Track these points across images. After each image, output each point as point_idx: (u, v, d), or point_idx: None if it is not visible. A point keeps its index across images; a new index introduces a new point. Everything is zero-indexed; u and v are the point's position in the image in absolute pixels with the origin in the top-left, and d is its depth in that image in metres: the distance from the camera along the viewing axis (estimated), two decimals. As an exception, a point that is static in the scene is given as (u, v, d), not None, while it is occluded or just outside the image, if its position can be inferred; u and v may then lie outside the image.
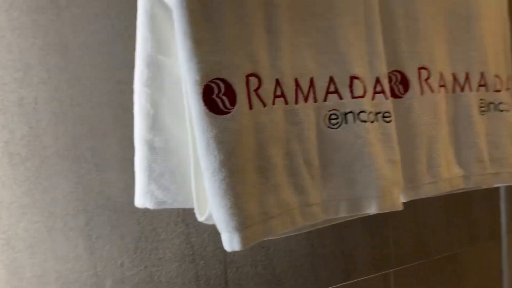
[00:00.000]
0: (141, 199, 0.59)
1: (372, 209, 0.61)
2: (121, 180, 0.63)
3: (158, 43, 0.57)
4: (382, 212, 0.61)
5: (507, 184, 0.77)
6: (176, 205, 0.59)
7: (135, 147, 0.58)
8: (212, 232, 0.70)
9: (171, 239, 0.67)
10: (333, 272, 0.82)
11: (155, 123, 0.58)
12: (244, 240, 0.52)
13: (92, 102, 0.61)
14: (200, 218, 0.57)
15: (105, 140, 0.62)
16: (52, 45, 0.59)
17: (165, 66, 0.57)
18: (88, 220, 0.62)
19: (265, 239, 0.55)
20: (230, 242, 0.52)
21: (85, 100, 0.61)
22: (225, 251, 0.70)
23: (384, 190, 0.61)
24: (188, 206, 0.59)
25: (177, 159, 0.59)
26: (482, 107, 0.74)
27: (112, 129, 0.63)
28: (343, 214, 0.61)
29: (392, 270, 0.88)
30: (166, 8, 0.56)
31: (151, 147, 0.58)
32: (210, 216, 0.55)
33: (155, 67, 0.57)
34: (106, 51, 0.62)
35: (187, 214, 0.69)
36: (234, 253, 0.72)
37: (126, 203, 0.64)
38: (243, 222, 0.52)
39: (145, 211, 0.65)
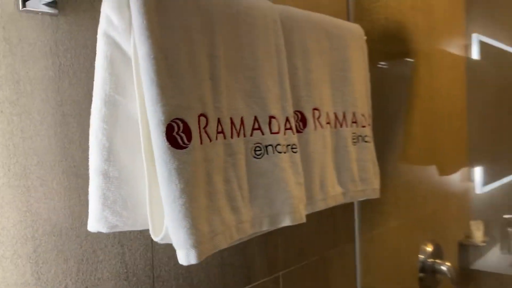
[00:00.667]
0: (95, 224, 0.64)
1: (286, 222, 0.76)
2: (67, 207, 0.67)
3: (116, 84, 0.63)
4: (293, 224, 0.77)
5: (370, 198, 1.00)
6: (126, 228, 0.66)
7: (90, 177, 0.64)
8: (143, 251, 0.78)
9: (109, 260, 0.73)
10: (238, 278, 0.94)
11: (110, 155, 0.64)
12: (199, 255, 0.62)
13: (41, 134, 0.65)
14: (156, 238, 0.65)
15: (52, 170, 0.66)
16: (5, 79, 0.61)
17: (121, 105, 0.64)
18: (35, 247, 0.64)
19: (212, 252, 0.66)
20: (187, 257, 0.61)
21: (35, 133, 0.64)
22: (153, 268, 0.78)
23: (294, 206, 0.77)
24: (137, 228, 0.67)
25: (129, 187, 0.66)
26: (354, 139, 0.95)
27: (59, 160, 0.67)
28: (266, 228, 0.75)
29: (280, 272, 1.05)
30: (125, 53, 0.63)
31: (106, 177, 0.64)
32: (165, 236, 0.64)
33: (112, 105, 0.64)
34: (54, 86, 0.66)
35: (122, 236, 0.75)
36: (160, 268, 0.80)
37: (70, 229, 0.68)
38: (198, 240, 0.62)
39: (87, 234, 0.70)
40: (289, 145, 0.78)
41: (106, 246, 0.73)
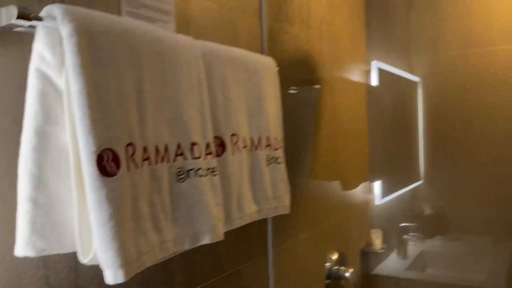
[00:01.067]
0: (23, 249, 0.67)
1: (206, 241, 0.83)
2: (-8, 233, 0.69)
3: (48, 115, 0.67)
4: (213, 242, 0.84)
5: (281, 213, 1.10)
6: (53, 252, 0.69)
7: (19, 203, 0.66)
8: (67, 272, 0.80)
9: (33, 282, 0.75)
10: (159, 294, 0.99)
11: (39, 183, 0.67)
12: (126, 274, 0.67)
13: (-33, 162, 0.66)
14: (84, 260, 0.69)
15: (-22, 197, 0.67)
16: None
17: (52, 134, 0.68)
18: (-40, 274, 0.65)
19: (139, 271, 0.71)
20: (115, 277, 0.66)
21: (-38, 161, 0.65)
22: (77, 288, 0.81)
23: (214, 226, 0.84)
24: (64, 251, 0.70)
25: (58, 212, 0.69)
26: (267, 161, 1.05)
27: (-15, 187, 0.68)
28: (187, 246, 0.81)
29: (199, 286, 1.11)
30: (56, 87, 0.67)
31: (35, 203, 0.67)
32: (93, 258, 0.68)
33: (43, 135, 0.67)
34: (-19, 115, 0.68)
35: (47, 259, 0.77)
36: (84, 288, 0.84)
37: (-5, 254, 0.70)
38: (125, 261, 0.67)
39: (12, 259, 0.72)
40: (209, 168, 0.86)
41: (31, 270, 0.75)
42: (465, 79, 2.03)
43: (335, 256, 1.72)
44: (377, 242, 2.01)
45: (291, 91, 1.46)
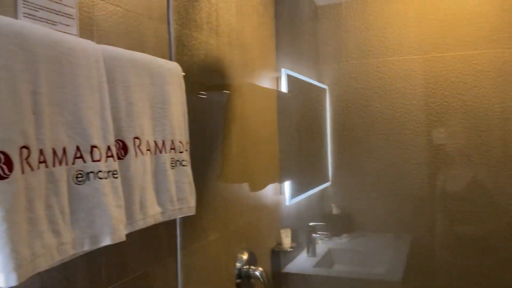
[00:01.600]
0: None
1: (107, 242, 0.85)
2: None
3: None
4: (113, 243, 0.85)
5: (186, 215, 1.13)
6: None
7: None
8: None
9: None
10: (60, 298, 0.98)
11: None
12: (19, 277, 0.67)
13: None
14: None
15: None
16: None
17: None
18: None
19: (33, 274, 0.71)
20: (6, 280, 0.66)
21: None
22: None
23: (114, 227, 0.86)
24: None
25: None
26: (172, 163, 1.08)
27: None
28: (87, 248, 0.82)
29: (103, 290, 1.11)
30: None
31: None
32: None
33: None
34: None
35: None
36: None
37: None
38: (18, 264, 0.67)
39: None
40: (110, 171, 0.87)
41: None
42: (365, 87, 2.20)
43: (245, 256, 1.78)
44: (286, 241, 2.10)
45: (201, 96, 1.50)
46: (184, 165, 1.11)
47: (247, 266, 1.76)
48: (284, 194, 2.20)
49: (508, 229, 2.07)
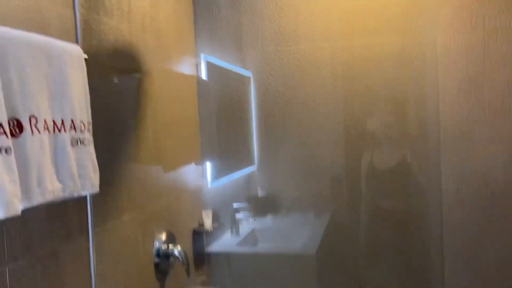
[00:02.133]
0: None
1: (0, 216, 0.89)
2: None
3: None
4: (8, 216, 0.90)
5: (89, 192, 1.18)
6: None
7: None
8: None
9: None
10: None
11: None
12: None
13: None
14: None
15: None
16: None
17: None
18: None
19: None
20: None
21: None
22: None
23: (8, 201, 0.90)
24: None
25: None
26: (72, 142, 1.12)
27: None
28: (-22, 220, 0.86)
29: (6, 267, 1.13)
30: None
31: None
32: None
33: None
34: None
35: None
36: None
37: None
38: None
39: None
40: (1, 148, 0.91)
41: None
42: (282, 74, 2.31)
43: (163, 236, 1.84)
44: (208, 222, 2.18)
45: (113, 80, 1.54)
46: (85, 144, 1.16)
47: (166, 246, 1.83)
48: (206, 177, 2.27)
49: (419, 205, 2.26)
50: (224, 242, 2.39)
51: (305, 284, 2.16)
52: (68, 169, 1.10)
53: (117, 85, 1.57)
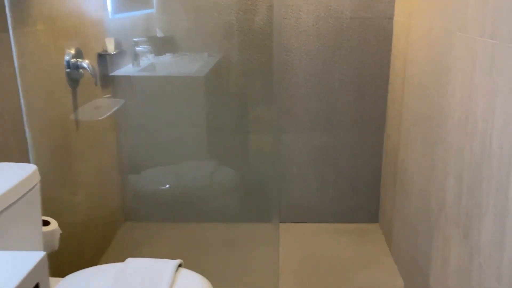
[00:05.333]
0: None
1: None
2: None
3: None
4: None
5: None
6: None
7: None
8: None
9: None
10: None
11: None
12: None
13: None
14: None
15: None
16: None
17: None
18: None
19: None
20: None
21: None
22: None
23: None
24: None
25: None
26: None
27: None
28: None
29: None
30: None
31: None
32: None
33: None
34: None
35: None
36: None
37: None
38: None
39: None
40: None
41: None
42: None
43: (73, 51, 2.18)
44: (111, 47, 2.53)
45: None
46: None
47: (75, 59, 2.18)
48: (107, 8, 2.56)
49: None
50: (125, 70, 2.78)
51: (194, 99, 2.67)
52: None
53: None
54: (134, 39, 2.87)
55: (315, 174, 2.82)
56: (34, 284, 0.74)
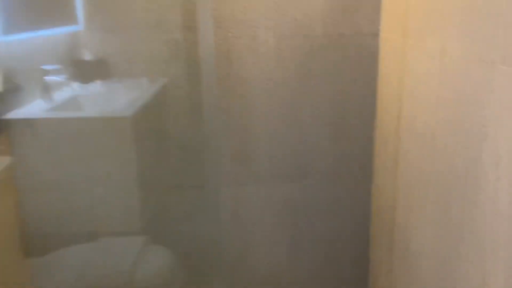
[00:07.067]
0: None
1: None
2: None
3: None
4: None
5: None
6: None
7: None
8: None
9: None
10: None
11: None
12: None
13: None
14: None
15: None
16: None
17: None
18: None
19: None
20: None
21: None
22: None
23: None
24: None
25: None
26: None
27: None
28: None
29: None
30: None
31: None
32: None
33: None
34: None
35: None
36: None
37: None
38: None
39: None
40: None
41: None
42: None
43: None
44: (-2, 81, 1.85)
45: None
46: None
47: None
48: (-5, 29, 1.89)
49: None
50: (31, 110, 2.10)
51: (120, 144, 2.01)
52: None
53: None
54: (43, 67, 2.19)
55: (284, 238, 2.17)
56: None
